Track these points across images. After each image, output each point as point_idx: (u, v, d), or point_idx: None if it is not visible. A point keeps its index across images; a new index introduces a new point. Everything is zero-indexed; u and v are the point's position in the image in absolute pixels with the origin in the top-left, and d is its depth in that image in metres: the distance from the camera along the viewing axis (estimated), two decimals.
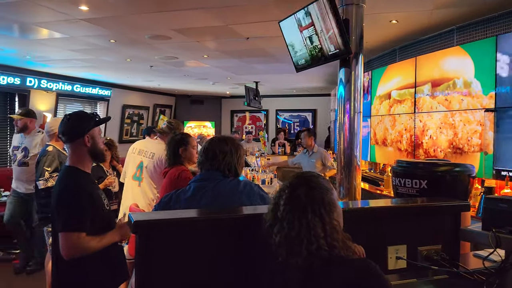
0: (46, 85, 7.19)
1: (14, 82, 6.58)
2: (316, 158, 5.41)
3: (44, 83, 7.12)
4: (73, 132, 2.03)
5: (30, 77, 6.83)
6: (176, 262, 1.31)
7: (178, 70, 6.87)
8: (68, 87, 7.69)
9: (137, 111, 10.05)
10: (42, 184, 3.49)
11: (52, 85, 7.31)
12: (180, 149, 3.17)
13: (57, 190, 1.94)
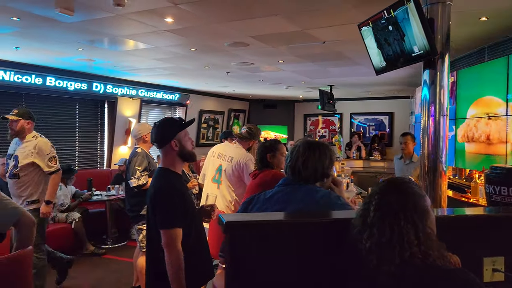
0: (132, 92, 7.72)
1: (106, 90, 7.15)
2: (414, 169, 4.68)
3: (129, 91, 7.65)
4: (162, 138, 2.18)
5: (118, 86, 7.38)
6: (264, 263, 1.34)
7: (253, 75, 7.01)
8: (150, 94, 8.19)
9: (213, 115, 10.41)
10: (133, 182, 3.76)
11: (136, 92, 7.84)
12: (268, 155, 3.22)
13: (152, 190, 2.09)
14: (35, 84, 6.04)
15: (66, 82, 6.45)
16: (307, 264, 1.37)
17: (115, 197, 5.90)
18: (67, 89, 6.50)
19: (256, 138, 3.93)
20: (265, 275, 1.35)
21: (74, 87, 6.59)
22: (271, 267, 1.35)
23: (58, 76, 6.30)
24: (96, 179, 6.31)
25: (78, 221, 5.47)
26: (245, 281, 1.34)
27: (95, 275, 4.77)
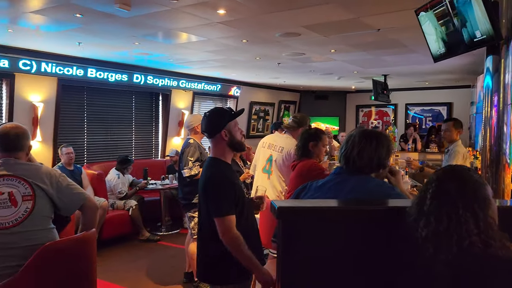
0: (185, 85, 7.92)
1: (160, 84, 7.39)
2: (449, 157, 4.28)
3: (182, 83, 7.86)
4: (212, 128, 2.22)
5: (172, 78, 7.60)
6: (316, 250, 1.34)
7: (304, 66, 6.94)
8: (202, 86, 8.36)
9: (263, 107, 10.45)
10: (186, 172, 3.85)
11: (189, 85, 8.03)
12: (311, 144, 3.23)
13: (203, 180, 2.15)
14: (95, 78, 6.36)
15: (123, 75, 6.74)
16: (361, 252, 1.36)
17: (169, 186, 6.11)
18: (124, 82, 6.79)
19: (303, 125, 3.91)
20: (318, 262, 1.35)
21: (131, 80, 6.87)
22: (323, 254, 1.35)
23: (116, 70, 6.60)
24: (152, 168, 6.56)
25: (134, 208, 5.73)
26: (297, 267, 1.35)
27: (150, 260, 4.99)
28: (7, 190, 2.16)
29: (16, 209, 2.15)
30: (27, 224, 2.15)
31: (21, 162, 2.29)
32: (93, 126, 6.80)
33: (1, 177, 2.18)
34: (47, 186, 2.24)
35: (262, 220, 3.26)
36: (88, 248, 2.33)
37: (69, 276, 2.22)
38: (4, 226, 2.12)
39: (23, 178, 2.20)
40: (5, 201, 2.14)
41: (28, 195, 2.18)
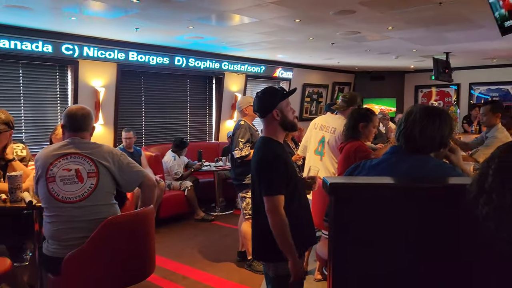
0: (238, 68, 7.96)
1: (214, 67, 7.49)
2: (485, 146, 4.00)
3: (235, 66, 7.90)
4: (263, 108, 2.22)
5: (225, 61, 7.66)
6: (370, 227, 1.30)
7: (359, 45, 6.71)
8: (255, 69, 8.36)
9: (316, 89, 10.28)
10: (237, 153, 3.92)
11: (242, 68, 8.06)
12: (361, 124, 3.14)
13: (256, 159, 2.15)
14: (152, 62, 6.56)
15: (178, 59, 6.88)
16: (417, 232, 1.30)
17: (222, 168, 6.22)
18: (179, 66, 6.94)
19: (354, 104, 3.80)
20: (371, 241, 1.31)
21: (185, 64, 7.01)
22: (377, 233, 1.30)
23: (170, 54, 6.76)
24: (206, 150, 6.70)
25: (190, 189, 5.90)
26: (349, 246, 1.32)
27: (205, 239, 5.14)
28: (74, 167, 2.31)
29: (82, 185, 2.29)
30: (91, 199, 2.29)
31: (86, 141, 2.44)
32: (150, 109, 7.05)
33: (68, 155, 2.33)
34: (109, 164, 2.37)
35: (314, 201, 3.23)
36: (147, 223, 2.44)
37: (130, 248, 2.34)
38: (71, 200, 2.27)
39: (88, 156, 2.34)
40: (72, 177, 2.29)
41: (93, 172, 2.32)
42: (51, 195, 2.29)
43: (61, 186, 2.28)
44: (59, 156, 2.33)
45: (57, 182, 2.28)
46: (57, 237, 2.28)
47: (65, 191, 2.28)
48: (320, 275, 3.75)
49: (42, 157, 2.36)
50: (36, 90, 5.66)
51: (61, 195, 2.28)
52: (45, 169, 2.31)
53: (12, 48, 5.06)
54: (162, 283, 3.80)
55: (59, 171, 2.30)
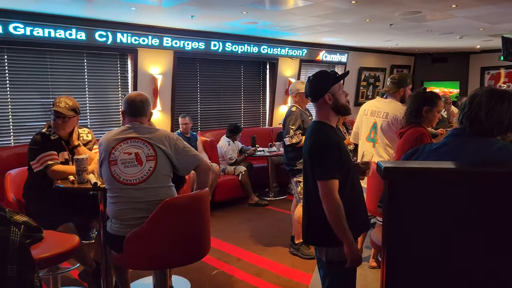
0: (292, 53, 7.89)
1: (268, 52, 7.47)
2: None
3: (289, 51, 7.83)
4: (315, 92, 2.19)
5: (278, 46, 7.61)
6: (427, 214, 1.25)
7: (420, 26, 6.38)
8: (307, 53, 8.23)
9: (373, 73, 9.95)
10: (288, 140, 3.95)
11: (296, 52, 7.97)
12: (425, 108, 3.01)
13: (308, 143, 2.14)
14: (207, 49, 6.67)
15: (232, 46, 6.94)
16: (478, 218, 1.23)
17: (276, 153, 6.24)
18: (233, 52, 7.00)
19: (405, 85, 3.64)
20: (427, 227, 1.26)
21: (241, 50, 7.06)
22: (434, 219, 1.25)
23: (225, 40, 6.82)
24: (259, 136, 6.75)
25: (244, 174, 5.99)
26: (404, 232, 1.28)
27: (258, 223, 5.21)
28: (134, 151, 2.43)
29: (142, 167, 2.41)
30: (150, 181, 2.40)
31: (144, 126, 2.56)
32: (205, 95, 7.20)
33: (129, 139, 2.45)
34: (166, 147, 2.47)
35: (368, 187, 3.17)
36: (203, 205, 2.52)
37: (187, 229, 2.44)
38: (131, 182, 2.40)
39: (147, 140, 2.45)
40: (132, 160, 2.41)
41: (151, 155, 2.43)
42: (113, 177, 2.42)
43: (122, 169, 2.41)
44: (120, 140, 2.46)
45: (118, 165, 2.41)
46: (119, 217, 2.42)
47: (125, 173, 2.40)
48: (375, 262, 3.68)
49: (105, 141, 2.50)
50: (99, 79, 5.97)
51: (122, 178, 2.40)
52: (107, 153, 2.45)
53: (78, 39, 5.35)
54: (217, 264, 3.92)
55: (120, 154, 2.42)
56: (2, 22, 4.76)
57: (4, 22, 4.77)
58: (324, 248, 2.15)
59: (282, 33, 6.96)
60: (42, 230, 2.53)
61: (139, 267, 2.59)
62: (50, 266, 2.84)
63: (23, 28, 4.92)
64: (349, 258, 2.03)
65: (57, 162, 3.02)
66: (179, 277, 3.56)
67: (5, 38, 4.87)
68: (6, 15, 4.78)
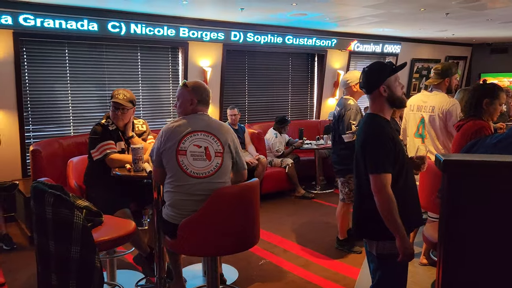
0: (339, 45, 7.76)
1: (315, 44, 7.40)
2: None
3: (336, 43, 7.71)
4: (370, 84, 2.15)
5: (326, 38, 7.50)
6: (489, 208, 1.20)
7: (479, 14, 6.06)
8: (358, 46, 8.06)
9: (426, 64, 9.58)
10: (348, 137, 3.64)
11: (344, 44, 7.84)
12: (485, 101, 2.88)
13: (362, 136, 2.11)
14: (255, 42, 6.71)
15: (279, 38, 6.93)
16: None
17: (323, 146, 6.19)
18: (280, 44, 6.99)
19: (450, 74, 3.48)
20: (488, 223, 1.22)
21: (288, 42, 7.03)
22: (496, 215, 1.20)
23: (273, 32, 6.82)
24: (307, 129, 6.71)
25: (291, 166, 5.99)
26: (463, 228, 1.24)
27: (305, 215, 5.21)
28: (204, 145, 2.47)
29: (209, 162, 2.46)
30: (215, 176, 2.46)
31: (215, 120, 2.62)
32: (253, 88, 7.25)
33: (199, 132, 2.49)
34: (232, 147, 2.54)
35: (422, 182, 3.08)
36: (253, 195, 2.57)
37: (238, 217, 2.50)
38: (198, 175, 2.44)
39: (216, 136, 2.50)
40: (202, 154, 2.46)
41: (219, 152, 2.49)
42: (180, 167, 2.43)
43: (191, 161, 2.43)
44: (191, 131, 2.47)
45: (187, 156, 2.43)
46: (176, 206, 2.47)
47: (194, 166, 2.43)
48: (426, 260, 3.58)
49: (172, 130, 2.49)
50: (151, 71, 6.17)
51: (190, 169, 2.43)
52: (176, 142, 2.44)
53: (132, 33, 5.56)
54: (264, 255, 3.97)
55: (190, 146, 2.44)
56: (63, 18, 5.03)
57: (65, 18, 5.04)
58: (375, 242, 2.13)
59: (331, 24, 6.85)
60: (102, 215, 2.68)
61: (192, 253, 2.68)
62: (108, 249, 3.01)
63: (82, 23, 5.17)
64: (401, 252, 2.00)
65: (114, 151, 3.17)
66: (228, 266, 3.65)
67: (66, 33, 5.15)
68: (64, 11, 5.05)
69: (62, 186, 2.50)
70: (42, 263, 2.42)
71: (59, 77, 5.42)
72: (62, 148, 4.73)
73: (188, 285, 3.25)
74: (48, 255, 2.35)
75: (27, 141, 5.18)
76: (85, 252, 2.33)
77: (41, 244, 2.39)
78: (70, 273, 2.31)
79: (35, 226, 2.42)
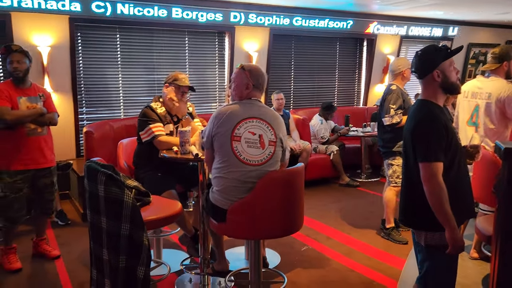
0: (392, 29, 7.48)
1: (365, 28, 7.18)
2: None
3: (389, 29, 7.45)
4: (422, 68, 2.07)
5: (376, 22, 7.26)
6: None
7: None
8: (414, 29, 7.74)
9: (484, 49, 9.04)
10: (387, 120, 3.78)
11: (397, 29, 7.54)
12: None
13: (413, 123, 2.03)
14: (302, 26, 6.60)
15: (328, 21, 6.78)
16: None
17: (370, 134, 6.04)
18: (328, 28, 6.84)
19: (508, 58, 3.27)
20: None
21: (336, 25, 6.88)
22: None
23: (321, 16, 6.68)
24: (353, 115, 6.56)
25: (335, 153, 5.90)
26: None
27: (349, 203, 5.14)
28: (259, 133, 2.45)
29: (263, 150, 2.45)
30: (266, 165, 2.45)
31: (269, 108, 2.59)
32: (299, 73, 7.16)
33: (254, 119, 2.46)
34: (283, 137, 2.54)
35: (475, 172, 2.93)
36: (299, 180, 2.55)
37: (285, 202, 2.49)
38: (251, 163, 2.42)
39: (271, 124, 2.49)
40: (256, 141, 2.44)
41: (273, 141, 2.48)
42: (234, 153, 2.40)
43: (245, 148, 2.41)
44: (246, 117, 2.45)
45: (241, 142, 2.41)
46: (226, 192, 2.46)
47: (248, 153, 2.41)
48: (477, 253, 3.43)
49: (228, 115, 2.45)
50: (198, 56, 6.24)
51: (243, 156, 2.41)
52: (231, 127, 2.41)
53: (184, 18, 5.63)
54: (306, 241, 3.96)
55: (245, 132, 2.42)
56: (112, 3, 5.17)
57: (113, 3, 5.18)
58: (424, 232, 2.05)
59: (384, 6, 6.60)
60: (150, 195, 2.76)
61: (238, 236, 2.71)
62: (155, 228, 3.11)
63: (133, 8, 5.29)
64: (450, 244, 1.92)
65: (162, 134, 3.25)
66: (271, 250, 3.68)
67: (118, 18, 5.30)
68: None
69: (113, 166, 2.59)
70: (94, 238, 2.54)
71: (111, 62, 5.61)
72: (112, 130, 4.92)
73: (231, 267, 3.30)
74: (100, 231, 2.46)
75: (81, 123, 5.43)
76: (134, 229, 2.41)
77: (94, 220, 2.50)
78: (120, 249, 2.40)
79: (88, 203, 2.53)
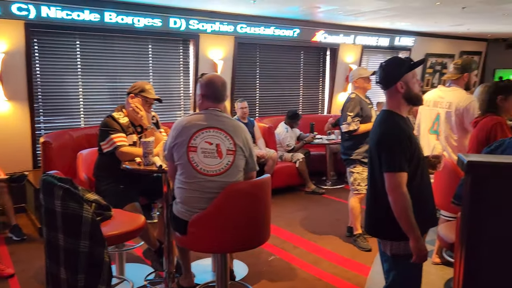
0: (354, 39, 7.67)
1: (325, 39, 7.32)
2: None
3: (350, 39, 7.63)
4: (386, 80, 2.11)
5: (339, 33, 7.41)
6: None
7: (496, 9, 5.91)
8: (371, 39, 7.95)
9: (440, 59, 9.43)
10: (344, 128, 3.92)
11: (357, 39, 7.73)
12: (499, 97, 2.86)
13: (377, 133, 2.06)
14: (267, 34, 6.64)
15: (294, 31, 6.85)
16: None
17: (334, 141, 6.12)
18: (293, 38, 6.92)
19: (469, 70, 3.40)
20: None
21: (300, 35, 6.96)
22: None
23: (286, 26, 6.74)
24: (318, 123, 6.62)
25: (301, 161, 5.94)
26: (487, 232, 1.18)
27: (315, 211, 5.17)
28: (216, 142, 2.40)
29: (220, 160, 2.40)
30: (226, 175, 2.40)
31: (227, 116, 2.52)
32: (264, 81, 7.18)
33: (211, 128, 2.41)
34: (245, 147, 2.47)
35: (436, 181, 3.01)
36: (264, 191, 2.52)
37: (249, 214, 2.44)
38: (208, 173, 2.38)
39: (229, 134, 2.43)
40: (213, 151, 2.39)
41: (231, 150, 2.42)
42: (190, 164, 2.37)
43: (201, 158, 2.37)
44: (202, 127, 2.40)
45: (198, 153, 2.37)
46: (187, 203, 2.42)
47: (204, 163, 2.37)
48: (439, 259, 3.52)
49: (183, 126, 2.42)
50: (162, 64, 6.13)
51: (200, 166, 2.37)
52: (187, 138, 2.38)
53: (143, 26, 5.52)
54: (273, 250, 3.94)
55: (201, 142, 2.37)
56: (76, 9, 5.00)
57: (78, 9, 5.02)
58: (389, 242, 2.08)
59: (345, 17, 6.74)
60: (111, 209, 2.66)
61: (202, 250, 2.65)
62: (117, 243, 2.99)
63: (93, 14, 5.14)
64: (415, 253, 1.95)
65: (125, 144, 3.14)
66: (238, 261, 3.62)
67: (77, 25, 5.12)
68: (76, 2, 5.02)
69: (72, 179, 2.48)
70: (51, 256, 2.41)
71: (70, 69, 5.41)
72: (72, 140, 4.73)
73: (197, 280, 3.22)
74: (57, 249, 2.34)
75: (38, 132, 5.19)
76: (94, 246, 2.31)
77: (50, 237, 2.37)
78: (78, 267, 2.29)
79: (44, 219, 2.40)
